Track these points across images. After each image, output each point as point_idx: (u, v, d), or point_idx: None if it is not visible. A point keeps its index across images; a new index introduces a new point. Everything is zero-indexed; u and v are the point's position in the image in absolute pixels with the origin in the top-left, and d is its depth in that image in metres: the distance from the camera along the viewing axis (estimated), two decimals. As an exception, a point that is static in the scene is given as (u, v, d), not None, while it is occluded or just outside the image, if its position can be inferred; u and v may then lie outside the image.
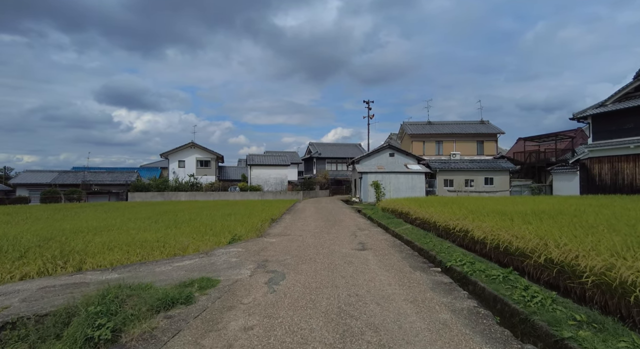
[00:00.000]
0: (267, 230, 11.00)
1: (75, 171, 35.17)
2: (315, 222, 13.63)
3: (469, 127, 34.22)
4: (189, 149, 40.21)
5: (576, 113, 23.84)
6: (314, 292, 4.28)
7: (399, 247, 7.86)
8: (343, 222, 13.47)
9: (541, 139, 30.67)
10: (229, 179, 46.28)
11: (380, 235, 9.86)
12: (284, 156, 40.79)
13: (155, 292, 3.88)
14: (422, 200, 15.86)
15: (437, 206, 12.65)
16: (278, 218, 15.30)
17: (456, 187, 28.47)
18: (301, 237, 9.18)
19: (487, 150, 33.15)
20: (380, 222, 13.10)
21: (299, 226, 12.16)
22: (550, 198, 15.86)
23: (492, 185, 28.50)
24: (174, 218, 14.26)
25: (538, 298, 4.16)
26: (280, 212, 18.20)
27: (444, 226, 9.32)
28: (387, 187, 26.91)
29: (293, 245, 7.92)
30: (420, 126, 34.52)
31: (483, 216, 8.87)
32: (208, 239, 8.87)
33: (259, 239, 9.08)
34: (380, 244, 8.29)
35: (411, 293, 4.32)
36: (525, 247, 5.75)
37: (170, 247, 7.97)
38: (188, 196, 33.30)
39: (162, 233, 9.86)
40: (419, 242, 8.44)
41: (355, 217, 16.26)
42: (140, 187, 32.63)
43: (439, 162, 29.59)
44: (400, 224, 12.24)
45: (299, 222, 13.45)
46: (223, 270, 5.57)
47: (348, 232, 10.38)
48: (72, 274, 6.02)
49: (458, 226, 8.52)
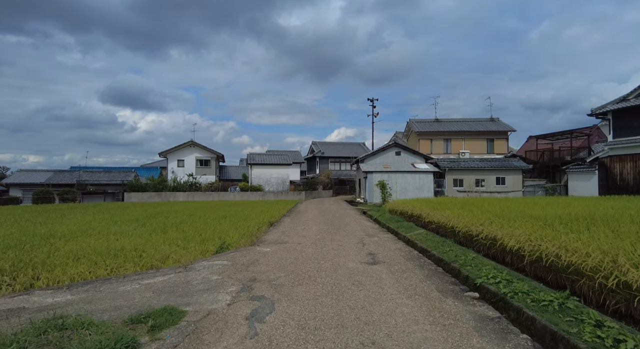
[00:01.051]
0: (262, 236, 9.82)
1: (71, 171, 34.20)
2: (317, 226, 12.45)
3: (479, 124, 32.85)
4: (188, 148, 39.15)
5: (595, 108, 22.45)
6: (311, 337, 3.06)
7: (417, 260, 6.64)
8: (348, 227, 12.27)
9: (554, 136, 29.25)
10: (230, 179, 45.18)
11: (392, 243, 8.64)
12: (286, 155, 39.63)
13: (82, 344, 2.69)
14: (434, 201, 14.62)
15: (453, 208, 11.42)
16: (277, 221, 14.13)
17: (466, 188, 27.14)
18: (300, 246, 7.98)
19: (497, 148, 31.78)
20: (390, 227, 11.90)
21: (298, 231, 10.99)
22: (573, 199, 14.56)
23: (504, 185, 27.14)
24: (163, 221, 13.14)
25: (629, 347, 2.91)
26: (280, 214, 17.03)
27: (465, 232, 8.10)
28: (394, 187, 25.66)
29: (289, 257, 6.73)
30: (427, 123, 33.21)
31: (511, 220, 7.64)
32: (193, 248, 7.71)
33: (252, 247, 7.90)
34: (394, 255, 7.08)
35: (450, 339, 3.07)
36: (581, 264, 4.53)
37: (147, 258, 6.82)
38: (186, 197, 32.23)
39: (144, 239, 8.73)
40: (437, 251, 7.24)
41: (361, 220, 15.06)
42: (137, 188, 31.61)
43: (448, 161, 28.27)
44: (412, 229, 11.04)
45: (299, 227, 12.27)
46: (197, 293, 4.40)
47: (354, 239, 9.18)
48: (14, 295, 4.87)
49: (483, 233, 7.30)
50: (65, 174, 33.25)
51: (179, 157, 39.22)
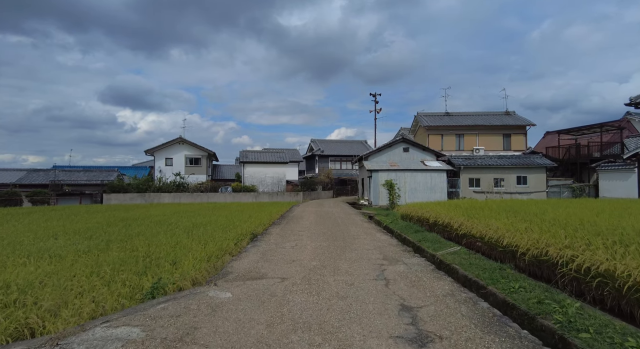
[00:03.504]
0: (231, 262, 6.82)
1: (47, 170, 31.20)
2: (313, 241, 9.47)
3: (494, 118, 29.88)
4: (177, 145, 36.20)
5: (634, 97, 19.52)
6: None
7: (497, 325, 3.64)
8: (356, 242, 9.30)
9: (580, 131, 26.35)
10: (223, 178, 42.24)
11: (432, 278, 5.45)
12: (282, 152, 36.64)
13: None
14: (462, 205, 11.69)
15: (494, 215, 8.49)
16: (263, 232, 11.18)
17: (484, 188, 24.18)
18: (283, 288, 4.94)
19: (514, 145, 28.82)
20: (409, 239, 8.98)
21: (287, 252, 8.03)
22: (631, 203, 11.62)
23: (526, 185, 24.18)
24: (122, 231, 10.25)
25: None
26: (271, 220, 14.10)
27: (535, 255, 5.18)
28: (402, 187, 22.71)
29: (258, 320, 3.68)
30: (437, 117, 30.23)
31: (613, 238, 4.70)
32: (121, 283, 4.82)
33: (202, 290, 4.90)
34: (448, 312, 3.94)
35: None
36: None
37: (6, 317, 3.90)
38: (172, 198, 29.29)
39: (57, 266, 5.84)
40: (503, 290, 4.31)
41: (371, 230, 12.09)
42: (117, 188, 28.65)
43: (463, 159, 25.30)
44: (440, 244, 8.13)
45: (290, 242, 9.29)
46: None
47: (370, 269, 6.19)
48: None
49: (585, 263, 4.37)
50: (40, 174, 30.28)
51: (167, 155, 36.24)
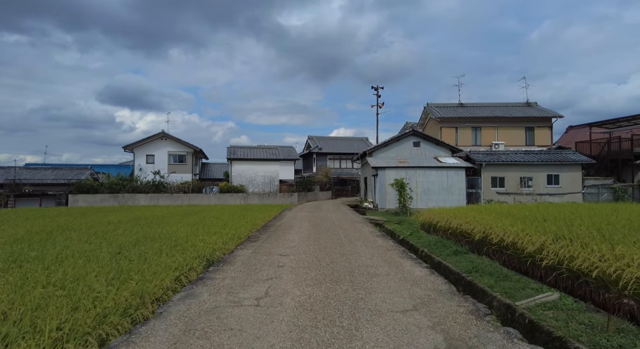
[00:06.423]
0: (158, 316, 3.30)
1: (7, 168, 27.57)
2: (299, 285, 5.58)
3: (515, 109, 26.41)
4: (159, 141, 32.64)
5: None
6: None
7: None
8: (376, 286, 5.44)
9: (617, 123, 22.93)
10: (212, 177, 38.67)
11: None
12: (275, 149, 33.04)
13: None
14: (508, 212, 8.20)
15: (590, 232, 5.01)
16: (226, 255, 7.58)
17: (510, 188, 20.69)
18: None
19: (538, 139, 25.37)
20: (451, 269, 5.47)
21: (240, 323, 4.46)
22: None
23: (558, 185, 20.70)
24: (41, 249, 6.70)
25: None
26: (250, 230, 10.58)
27: None
28: (414, 188, 19.21)
29: None
30: (450, 108, 26.74)
31: None
32: None
33: None
34: None
35: None
36: None
37: None
38: (148, 200, 25.74)
39: None
40: None
41: (393, 254, 8.27)
42: (86, 188, 25.08)
43: (484, 154, 21.80)
44: (509, 280, 4.69)
45: (257, 285, 5.31)
46: None
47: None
48: None
49: None
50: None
51: (148, 152, 32.66)
